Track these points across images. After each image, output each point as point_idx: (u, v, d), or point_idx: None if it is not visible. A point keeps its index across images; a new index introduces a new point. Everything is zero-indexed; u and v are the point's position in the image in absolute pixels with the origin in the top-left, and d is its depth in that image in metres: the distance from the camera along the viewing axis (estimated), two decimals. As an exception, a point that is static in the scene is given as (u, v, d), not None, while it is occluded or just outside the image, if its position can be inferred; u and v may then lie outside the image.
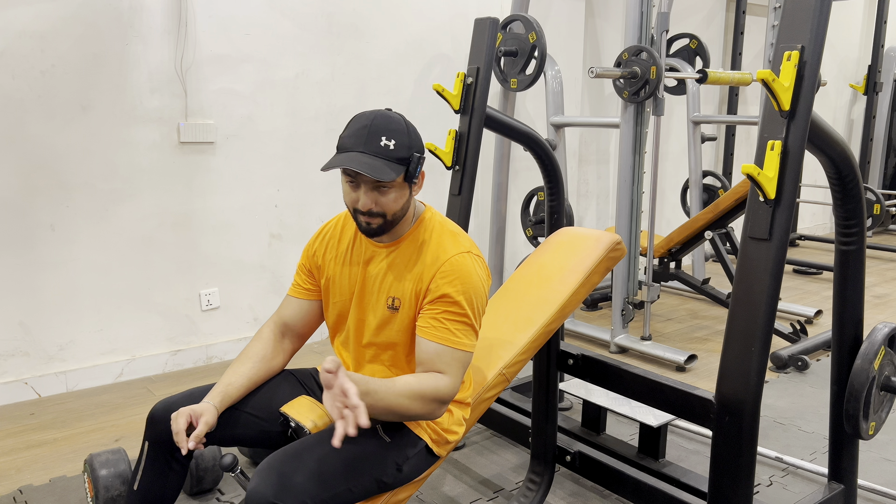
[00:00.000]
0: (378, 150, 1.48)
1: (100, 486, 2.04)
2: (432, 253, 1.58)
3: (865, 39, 7.11)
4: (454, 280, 1.54)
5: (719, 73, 3.70)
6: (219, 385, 1.61)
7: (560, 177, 2.58)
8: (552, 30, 4.40)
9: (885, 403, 1.97)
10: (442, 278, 1.55)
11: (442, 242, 1.60)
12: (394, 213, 1.54)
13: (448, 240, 1.60)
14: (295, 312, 1.75)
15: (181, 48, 3.20)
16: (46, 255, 3.03)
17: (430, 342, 1.53)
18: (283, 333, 1.75)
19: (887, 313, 4.47)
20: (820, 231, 7.27)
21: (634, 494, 2.10)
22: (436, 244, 1.59)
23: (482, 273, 1.60)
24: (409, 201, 1.57)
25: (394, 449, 1.54)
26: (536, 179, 4.49)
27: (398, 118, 1.54)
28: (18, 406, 3.00)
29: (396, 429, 1.57)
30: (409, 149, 1.51)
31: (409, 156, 1.51)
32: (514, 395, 2.77)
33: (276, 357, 1.72)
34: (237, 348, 3.57)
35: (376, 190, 1.50)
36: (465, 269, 1.55)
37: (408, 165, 1.51)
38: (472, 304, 1.55)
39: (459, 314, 1.54)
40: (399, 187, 1.52)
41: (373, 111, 1.54)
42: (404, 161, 1.50)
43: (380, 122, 1.50)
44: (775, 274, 1.53)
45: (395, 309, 1.60)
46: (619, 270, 3.70)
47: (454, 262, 1.56)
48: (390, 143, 1.48)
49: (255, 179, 3.51)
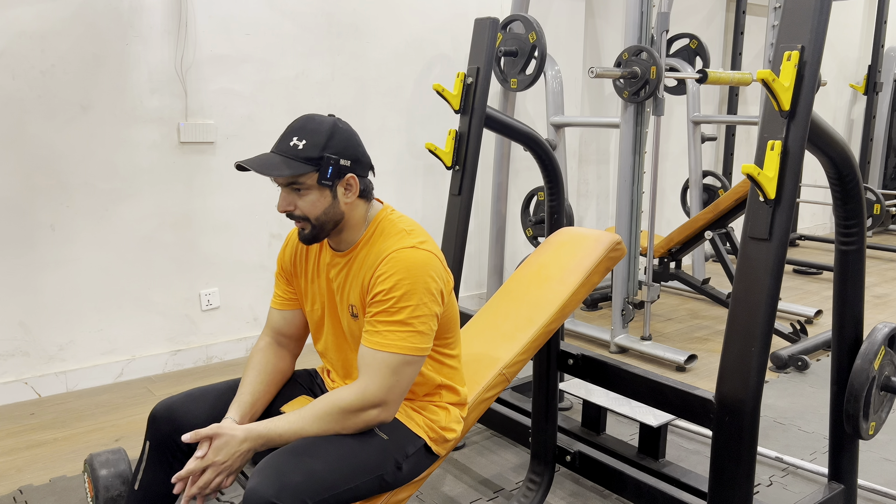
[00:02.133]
0: (285, 150, 1.47)
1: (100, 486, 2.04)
2: (375, 253, 1.53)
3: (865, 39, 7.12)
4: (390, 276, 1.47)
5: (719, 73, 3.70)
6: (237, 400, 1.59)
7: (560, 177, 2.58)
8: (552, 30, 4.40)
9: (885, 403, 1.97)
10: (378, 276, 1.49)
11: (387, 240, 1.54)
12: (316, 217, 1.50)
13: (394, 236, 1.54)
14: (283, 323, 1.73)
15: (181, 48, 3.20)
16: (46, 255, 3.03)
17: (363, 346, 1.49)
18: (279, 343, 1.74)
19: (887, 313, 4.47)
20: (820, 231, 7.27)
21: (634, 494, 2.10)
22: (381, 244, 1.54)
23: (428, 267, 1.50)
24: (334, 208, 1.51)
25: (392, 446, 1.54)
26: (536, 179, 4.49)
27: (325, 122, 1.50)
28: (18, 406, 3.00)
29: (394, 427, 1.56)
30: (321, 149, 1.46)
31: (321, 156, 1.46)
32: (514, 395, 2.77)
33: (282, 363, 1.71)
34: (237, 348, 3.57)
35: (293, 192, 1.50)
36: (403, 264, 1.48)
37: (318, 166, 1.46)
38: (412, 301, 1.47)
39: (392, 313, 1.47)
40: (317, 190, 1.48)
41: (308, 114, 1.54)
42: (313, 161, 1.46)
43: (298, 124, 1.50)
44: (775, 274, 1.53)
45: (355, 316, 1.58)
46: (619, 270, 3.70)
47: (392, 257, 1.49)
48: (300, 143, 1.46)
49: (255, 179, 3.51)
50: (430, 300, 1.49)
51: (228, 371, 3.38)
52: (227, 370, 3.40)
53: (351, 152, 1.51)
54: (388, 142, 3.93)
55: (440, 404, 1.66)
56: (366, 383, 1.46)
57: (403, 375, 1.48)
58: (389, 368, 1.46)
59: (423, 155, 4.07)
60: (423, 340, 1.49)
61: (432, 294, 1.50)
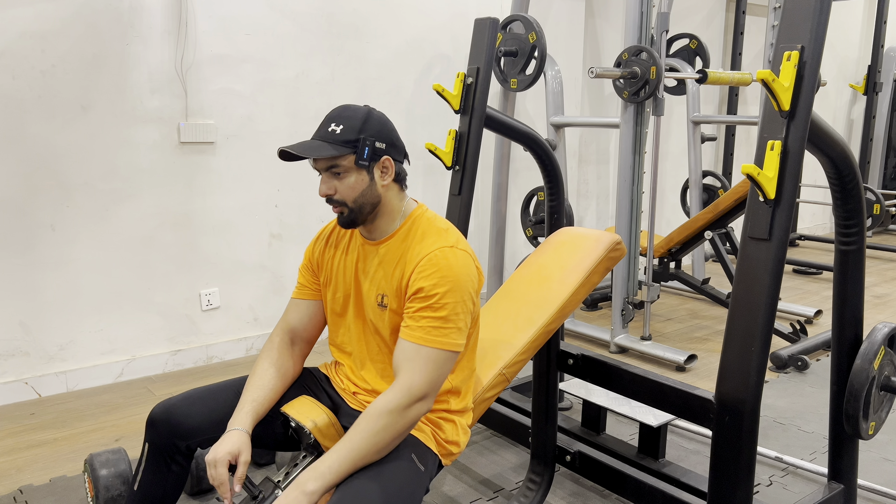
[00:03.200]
0: (324, 135, 1.53)
1: (100, 485, 2.04)
2: (415, 248, 1.57)
3: (865, 39, 7.12)
4: (432, 274, 1.51)
5: (719, 73, 3.70)
6: (245, 404, 1.59)
7: (560, 177, 2.58)
8: (552, 30, 4.40)
9: (884, 403, 1.97)
10: (419, 272, 1.52)
11: (426, 238, 1.58)
12: (354, 199, 1.55)
13: (433, 235, 1.58)
14: (302, 315, 1.74)
15: (181, 48, 3.21)
16: (47, 256, 3.03)
17: (404, 341, 1.51)
18: (293, 340, 1.74)
19: (887, 313, 4.47)
20: (820, 231, 7.27)
21: (634, 494, 2.10)
22: (420, 240, 1.58)
23: (467, 267, 1.55)
24: (372, 189, 1.56)
25: (426, 474, 1.54)
26: (536, 179, 4.49)
27: (360, 109, 1.57)
28: (18, 406, 3.00)
29: (423, 455, 1.56)
30: (358, 132, 1.52)
31: (357, 139, 1.52)
32: (514, 395, 2.77)
33: (291, 365, 1.71)
34: (237, 348, 3.57)
35: (333, 176, 1.55)
36: (446, 262, 1.52)
37: (356, 148, 1.52)
38: (453, 299, 1.51)
39: (435, 309, 1.50)
40: (356, 172, 1.54)
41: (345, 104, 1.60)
42: (350, 143, 1.52)
43: (336, 112, 1.56)
44: (775, 274, 1.53)
45: (384, 306, 1.60)
46: (619, 270, 3.70)
47: (434, 256, 1.53)
48: (338, 128, 1.53)
49: (255, 179, 3.51)
50: (468, 299, 1.54)
51: (229, 371, 3.38)
52: (228, 370, 3.40)
53: (386, 135, 1.57)
54: (388, 142, 3.92)
55: (447, 417, 1.66)
56: (410, 378, 1.47)
57: (444, 370, 1.52)
58: (433, 363, 1.49)
59: (423, 155, 4.07)
60: (461, 336, 1.53)
61: (470, 293, 1.55)
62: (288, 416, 1.63)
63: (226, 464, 1.47)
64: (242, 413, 1.57)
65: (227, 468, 1.47)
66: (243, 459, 1.49)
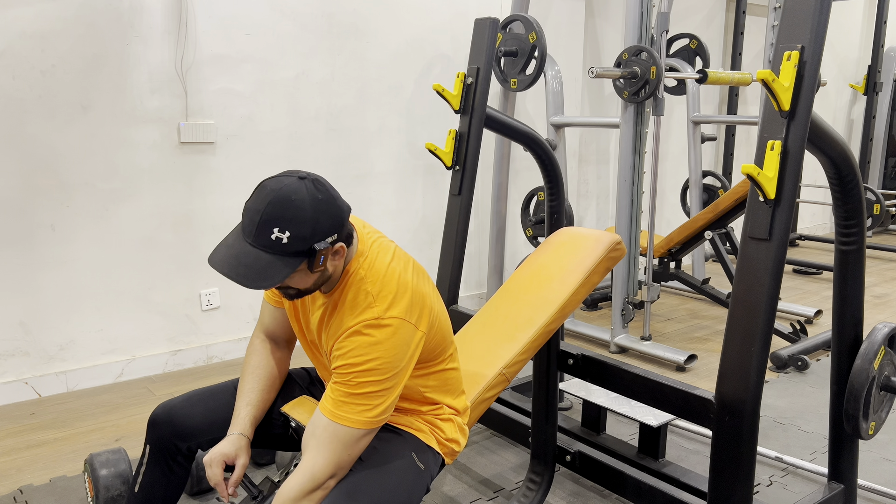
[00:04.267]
0: (267, 244, 1.32)
1: (100, 485, 2.04)
2: (343, 316, 1.44)
3: (865, 39, 7.11)
4: (350, 351, 1.39)
5: (719, 73, 3.70)
6: (241, 409, 1.58)
7: (560, 177, 2.58)
8: (552, 30, 4.40)
9: (884, 403, 1.97)
10: (337, 351, 1.42)
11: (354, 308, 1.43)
12: (306, 288, 1.43)
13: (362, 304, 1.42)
14: (274, 321, 1.70)
15: (181, 48, 3.21)
16: (47, 255, 3.03)
17: (318, 413, 1.42)
18: (274, 341, 1.72)
19: (887, 313, 4.47)
20: (820, 231, 7.27)
21: (634, 494, 2.10)
22: (349, 308, 1.44)
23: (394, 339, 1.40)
24: (323, 276, 1.42)
25: (427, 474, 1.54)
26: (536, 179, 4.49)
27: (304, 201, 1.33)
28: (19, 406, 3.00)
29: (425, 451, 1.56)
30: (308, 240, 1.33)
31: (308, 248, 1.33)
32: (514, 395, 2.77)
33: (277, 364, 1.70)
34: (237, 348, 3.57)
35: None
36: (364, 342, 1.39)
37: (309, 257, 1.35)
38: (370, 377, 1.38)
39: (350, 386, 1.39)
40: (305, 272, 1.38)
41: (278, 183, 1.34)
42: (301, 254, 1.33)
43: (273, 212, 1.31)
44: (775, 274, 1.53)
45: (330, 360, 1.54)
46: (619, 270, 3.70)
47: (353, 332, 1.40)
48: (283, 235, 1.31)
49: (255, 179, 3.51)
50: (397, 372, 1.42)
51: (229, 371, 3.38)
52: (228, 370, 3.40)
53: (336, 224, 1.38)
54: (388, 142, 3.93)
55: (444, 416, 1.65)
56: (313, 461, 1.38)
57: (355, 448, 1.41)
58: (342, 442, 1.39)
59: (423, 155, 4.07)
60: (381, 413, 1.42)
61: (400, 364, 1.42)
62: (288, 416, 1.63)
63: (220, 464, 1.48)
64: (240, 419, 1.57)
65: (222, 468, 1.48)
66: (241, 463, 1.50)
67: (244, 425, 1.56)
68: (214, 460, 1.48)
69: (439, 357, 1.62)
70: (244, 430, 1.55)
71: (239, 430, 1.55)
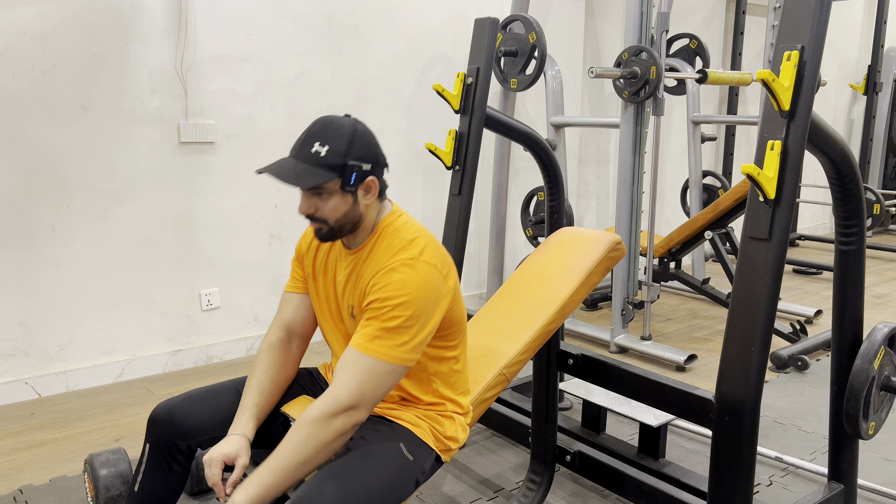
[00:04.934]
0: (307, 156, 1.46)
1: (100, 485, 2.04)
2: (377, 260, 1.53)
3: (865, 39, 7.12)
4: (385, 286, 1.47)
5: (719, 73, 3.70)
6: (246, 409, 1.59)
7: (560, 177, 2.58)
8: (552, 30, 4.40)
9: (884, 403, 1.97)
10: (374, 285, 1.49)
11: (388, 250, 1.53)
12: (336, 220, 1.50)
13: (396, 247, 1.53)
14: (296, 309, 1.73)
15: (181, 48, 3.21)
16: (46, 255, 3.03)
17: (350, 347, 1.47)
18: (290, 338, 1.73)
19: (887, 313, 4.47)
20: (820, 231, 7.27)
21: (634, 494, 2.10)
22: (383, 252, 1.53)
23: (428, 280, 1.49)
24: (354, 210, 1.52)
25: (416, 466, 1.53)
26: (536, 179, 4.49)
27: (344, 125, 1.49)
28: (19, 406, 3.00)
29: (416, 446, 1.56)
30: (344, 156, 1.45)
31: (344, 163, 1.46)
32: (514, 395, 2.77)
33: (290, 365, 1.71)
34: (237, 348, 3.57)
35: (315, 196, 1.49)
36: (402, 276, 1.47)
37: (342, 173, 1.46)
38: (405, 312, 1.45)
39: (384, 320, 1.45)
40: (339, 195, 1.48)
41: (325, 116, 1.52)
42: (337, 168, 1.45)
43: (317, 129, 1.48)
44: (775, 274, 1.53)
45: (353, 317, 1.58)
46: (619, 270, 3.70)
47: (391, 269, 1.48)
48: (322, 149, 1.45)
49: (255, 179, 3.51)
50: (427, 313, 1.48)
51: (229, 371, 3.38)
52: (228, 370, 3.40)
53: (371, 155, 1.51)
54: (388, 142, 3.93)
55: (446, 414, 1.65)
56: (339, 387, 1.43)
57: (381, 383, 1.45)
58: (368, 373, 1.43)
59: (423, 155, 4.07)
60: (409, 351, 1.46)
61: (429, 307, 1.49)
62: (288, 416, 1.63)
63: (219, 464, 1.48)
64: (244, 419, 1.57)
65: (221, 468, 1.48)
66: (241, 463, 1.50)
67: (246, 426, 1.56)
68: (214, 460, 1.48)
69: (455, 339, 1.64)
70: (246, 431, 1.55)
71: (240, 431, 1.55)
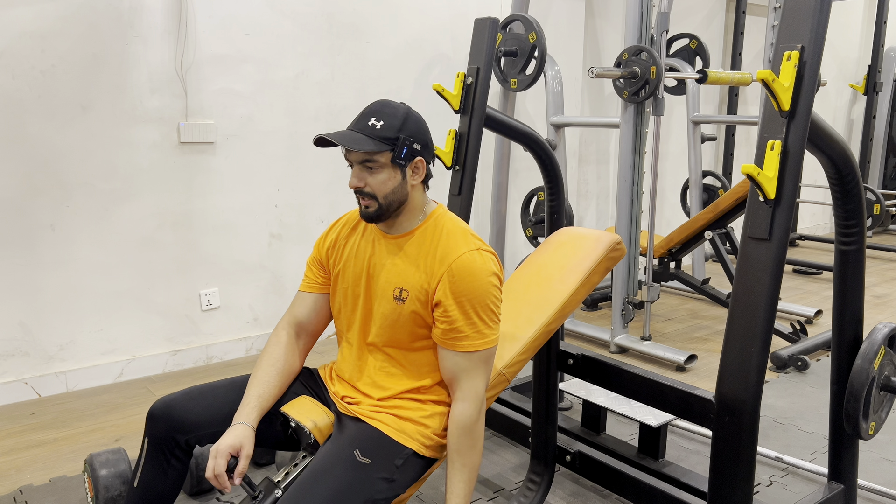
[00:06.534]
0: (364, 128, 1.55)
1: (100, 485, 2.04)
2: (442, 249, 1.60)
3: (865, 39, 7.12)
4: (461, 280, 1.57)
5: (719, 73, 3.70)
6: (251, 399, 1.60)
7: (560, 177, 2.58)
8: (552, 30, 4.40)
9: (885, 403, 1.97)
10: (450, 278, 1.57)
11: (452, 239, 1.62)
12: (384, 195, 1.58)
13: (458, 237, 1.62)
14: (308, 309, 1.76)
15: (181, 48, 3.20)
16: (46, 255, 3.03)
17: (454, 353, 1.59)
18: (298, 334, 1.75)
19: (887, 313, 4.47)
20: (820, 231, 7.27)
21: (634, 494, 2.10)
22: (446, 241, 1.62)
23: (492, 267, 1.61)
24: (402, 187, 1.59)
25: (377, 466, 1.52)
26: (536, 179, 4.49)
27: (399, 106, 1.59)
28: (18, 406, 3.00)
29: (376, 446, 1.56)
30: (397, 130, 1.55)
31: (396, 137, 1.55)
32: (514, 395, 2.77)
33: (295, 360, 1.73)
34: (237, 348, 3.57)
35: (366, 170, 1.57)
36: (474, 266, 1.58)
37: (394, 146, 1.55)
38: (483, 302, 1.58)
39: (472, 319, 1.57)
40: (389, 169, 1.56)
41: (382, 99, 1.62)
42: (389, 141, 1.54)
43: (376, 106, 1.58)
44: (775, 274, 1.53)
45: (401, 300, 1.61)
46: (619, 270, 3.70)
47: (462, 261, 1.58)
48: (378, 123, 1.55)
49: (255, 179, 3.51)
50: (496, 295, 1.62)
51: (229, 371, 3.38)
52: (228, 370, 3.40)
53: (422, 137, 1.60)
54: (388, 142, 3.92)
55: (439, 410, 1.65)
56: (474, 386, 1.59)
57: (492, 362, 1.66)
58: (485, 362, 1.61)
59: (423, 155, 4.06)
60: (497, 328, 1.64)
61: (497, 291, 1.63)
62: (288, 416, 1.63)
63: (226, 456, 1.49)
64: (248, 408, 1.58)
65: (227, 461, 1.49)
66: (245, 453, 1.51)
67: (250, 415, 1.57)
68: (221, 452, 1.48)
69: None
70: (250, 420, 1.56)
71: (245, 420, 1.55)
